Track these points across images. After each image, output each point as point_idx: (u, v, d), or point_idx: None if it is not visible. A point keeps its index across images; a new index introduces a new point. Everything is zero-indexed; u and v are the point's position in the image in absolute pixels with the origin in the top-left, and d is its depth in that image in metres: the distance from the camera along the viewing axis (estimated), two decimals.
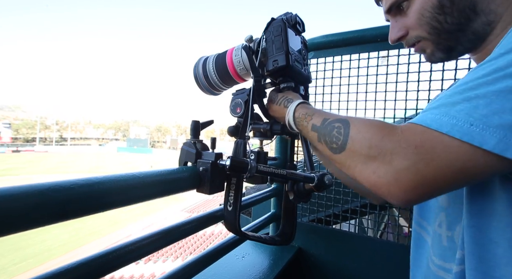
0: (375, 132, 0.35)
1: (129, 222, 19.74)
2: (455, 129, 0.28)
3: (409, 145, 0.31)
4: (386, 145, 0.32)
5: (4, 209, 0.24)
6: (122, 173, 0.39)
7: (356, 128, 0.37)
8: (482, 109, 0.27)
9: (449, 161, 0.28)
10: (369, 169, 0.34)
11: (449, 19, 0.40)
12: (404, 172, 0.30)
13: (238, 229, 0.55)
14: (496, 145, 0.26)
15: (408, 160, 0.30)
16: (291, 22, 0.60)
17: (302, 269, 1.03)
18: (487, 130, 0.26)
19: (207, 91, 0.67)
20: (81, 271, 0.36)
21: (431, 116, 0.31)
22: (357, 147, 0.36)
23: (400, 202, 0.32)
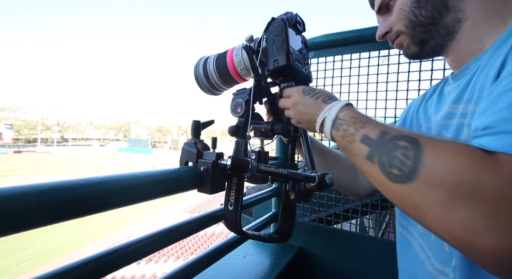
0: (463, 163, 0.25)
1: (130, 222, 19.78)
2: None
3: (510, 186, 0.23)
4: (482, 185, 0.24)
5: (5, 209, 0.25)
6: (123, 172, 0.39)
7: (433, 154, 0.28)
8: None
9: None
10: (453, 217, 0.25)
11: (423, 13, 0.44)
12: (509, 225, 0.22)
13: (239, 228, 0.55)
14: None
15: (505, 215, 0.22)
16: (291, 21, 0.60)
17: (303, 269, 1.03)
18: None
19: (208, 91, 0.67)
20: (83, 271, 0.36)
21: (509, 140, 0.24)
22: (437, 181, 0.26)
23: (505, 271, 0.24)
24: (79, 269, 0.36)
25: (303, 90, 0.52)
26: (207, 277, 0.74)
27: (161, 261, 14.37)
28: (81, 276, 0.36)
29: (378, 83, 0.89)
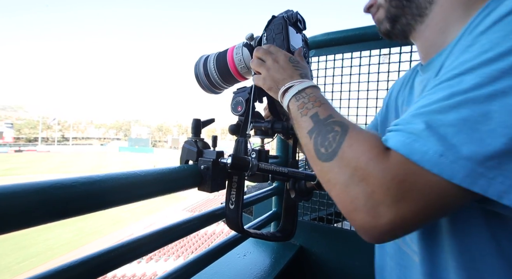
0: (365, 151, 0.30)
1: (130, 221, 19.83)
2: (426, 158, 0.26)
3: (393, 177, 0.27)
4: (372, 171, 0.28)
5: (6, 206, 0.25)
6: (123, 171, 0.39)
7: (351, 140, 0.32)
8: (451, 138, 0.25)
9: (429, 198, 0.26)
10: (348, 194, 0.30)
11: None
12: (384, 210, 0.27)
13: (240, 227, 0.55)
14: (464, 178, 0.24)
15: (390, 196, 0.27)
16: (292, 19, 0.59)
17: (304, 268, 1.03)
18: (456, 163, 0.24)
19: (208, 90, 0.67)
20: (84, 268, 0.37)
21: (401, 138, 0.28)
22: (345, 163, 0.31)
23: (371, 240, 0.30)
24: (80, 267, 0.36)
25: (290, 58, 0.51)
26: (207, 276, 0.74)
27: (161, 260, 14.42)
28: (82, 274, 0.36)
29: (379, 82, 0.89)
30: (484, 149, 0.24)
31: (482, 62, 0.26)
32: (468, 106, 0.25)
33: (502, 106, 0.24)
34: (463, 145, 0.24)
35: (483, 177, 0.24)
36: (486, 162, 0.24)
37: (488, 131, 0.24)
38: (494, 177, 0.23)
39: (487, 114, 0.24)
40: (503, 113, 0.24)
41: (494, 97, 0.24)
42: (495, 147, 0.23)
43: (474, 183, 0.24)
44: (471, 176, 0.24)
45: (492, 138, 0.23)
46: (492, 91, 0.24)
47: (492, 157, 0.23)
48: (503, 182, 0.23)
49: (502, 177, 0.23)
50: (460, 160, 0.24)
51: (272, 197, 1.02)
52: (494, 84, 0.25)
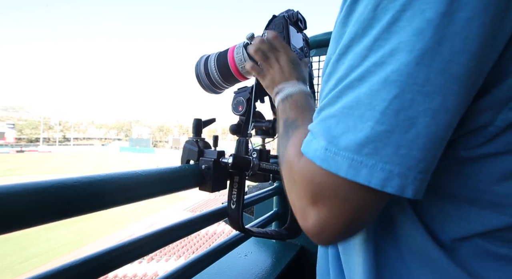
0: (292, 154, 0.29)
1: (132, 222, 19.88)
2: (317, 154, 0.24)
3: (305, 179, 0.26)
4: (294, 175, 0.28)
5: (8, 206, 0.25)
6: (125, 171, 0.39)
7: (291, 143, 0.32)
8: (333, 129, 0.24)
9: (337, 195, 0.24)
10: (290, 198, 0.30)
11: None
12: (308, 212, 0.26)
13: (241, 226, 0.55)
14: (348, 170, 0.22)
15: (308, 198, 0.26)
16: (292, 19, 0.59)
17: (305, 267, 1.03)
18: (338, 155, 0.23)
19: (209, 90, 0.67)
20: (85, 268, 0.37)
21: (306, 139, 0.27)
22: (284, 166, 0.31)
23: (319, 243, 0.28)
24: (81, 266, 0.36)
25: (291, 59, 0.50)
26: (209, 276, 0.74)
27: (162, 260, 14.44)
28: (83, 274, 0.36)
29: None
30: (357, 135, 0.22)
31: (351, 40, 0.24)
32: (345, 94, 0.24)
33: (368, 87, 0.22)
34: (342, 135, 0.23)
35: (364, 166, 0.22)
36: (363, 149, 0.22)
37: (359, 116, 0.22)
38: (374, 164, 0.21)
39: (358, 97, 0.23)
40: (369, 94, 0.22)
41: (363, 79, 0.23)
42: (366, 132, 0.22)
43: (358, 174, 0.22)
44: (353, 167, 0.22)
45: (362, 123, 0.22)
46: (362, 72, 0.23)
47: (366, 143, 0.22)
48: (383, 168, 0.21)
49: (382, 163, 0.21)
50: (340, 151, 0.23)
51: (273, 197, 1.02)
52: (363, 62, 0.23)
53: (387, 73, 0.21)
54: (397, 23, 0.21)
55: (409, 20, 0.21)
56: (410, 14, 0.21)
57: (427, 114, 0.20)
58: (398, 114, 0.21)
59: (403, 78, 0.21)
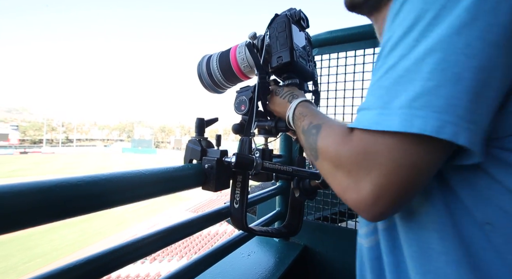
0: (333, 141, 0.33)
1: (134, 222, 19.94)
2: (371, 122, 0.28)
3: (358, 153, 0.29)
4: (342, 154, 0.31)
5: (13, 205, 0.25)
6: (128, 170, 0.39)
7: (322, 136, 0.36)
8: (384, 97, 0.28)
9: (395, 159, 0.27)
10: (336, 180, 0.32)
11: None
12: (363, 183, 0.28)
13: (245, 225, 0.55)
14: (401, 123, 0.26)
15: (362, 169, 0.29)
16: (295, 18, 0.59)
17: (308, 267, 1.03)
18: (391, 114, 0.27)
19: (211, 90, 0.67)
20: (88, 268, 0.37)
21: (358, 117, 0.31)
22: (323, 157, 0.35)
23: (370, 217, 0.30)
24: (85, 266, 0.36)
25: (275, 91, 0.58)
26: (212, 275, 0.74)
27: (165, 260, 14.47)
28: (87, 273, 0.36)
29: None
30: (408, 94, 0.26)
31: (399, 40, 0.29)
32: (393, 70, 0.28)
33: (413, 58, 0.26)
34: (393, 99, 0.27)
35: (417, 117, 0.25)
36: (413, 104, 0.25)
37: (408, 81, 0.26)
38: (426, 114, 0.25)
39: (404, 67, 0.27)
40: (415, 63, 0.26)
41: (407, 55, 0.27)
42: (415, 89, 0.25)
43: (411, 125, 0.25)
44: (407, 120, 0.25)
45: (411, 84, 0.26)
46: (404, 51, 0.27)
47: (416, 98, 0.25)
48: (436, 117, 0.24)
49: (435, 113, 0.24)
50: (392, 110, 0.26)
51: (276, 197, 1.02)
52: (413, 50, 0.27)
53: (430, 43, 0.26)
54: (438, 18, 0.26)
55: (447, 11, 0.26)
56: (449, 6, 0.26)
57: (471, 71, 0.24)
58: (445, 71, 0.24)
59: (446, 45, 0.25)
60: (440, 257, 0.31)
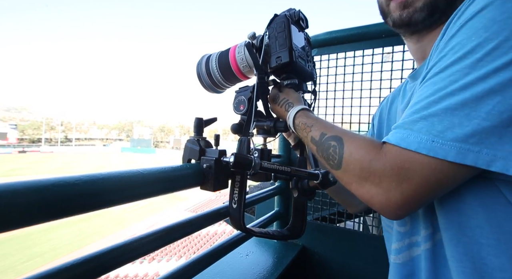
0: (364, 155, 0.37)
1: (133, 222, 19.90)
2: (421, 146, 0.31)
3: (392, 168, 0.33)
4: (374, 168, 0.35)
5: (10, 203, 0.25)
6: (126, 169, 0.39)
7: (349, 150, 0.39)
8: (437, 126, 0.31)
9: (425, 177, 0.32)
10: (363, 189, 0.37)
11: None
12: (393, 192, 0.33)
13: (243, 226, 0.55)
14: (456, 155, 0.29)
15: (393, 181, 0.33)
16: (294, 18, 0.59)
17: (306, 267, 1.03)
18: (446, 145, 0.30)
19: (210, 90, 0.67)
20: (86, 267, 0.37)
21: (399, 135, 0.34)
22: (351, 168, 0.38)
23: (393, 217, 0.37)
24: (83, 265, 0.36)
25: (273, 98, 0.60)
26: (210, 275, 0.74)
27: (163, 260, 14.45)
28: (84, 273, 0.36)
29: (382, 81, 0.88)
30: (464, 129, 0.29)
31: (454, 60, 0.31)
32: (447, 99, 0.31)
33: (473, 95, 0.29)
34: (447, 130, 0.30)
35: (471, 152, 0.29)
36: (469, 140, 0.29)
37: (464, 116, 0.29)
38: (479, 150, 0.29)
39: (462, 102, 0.30)
40: (473, 100, 0.29)
41: (466, 89, 0.30)
42: (472, 127, 0.29)
43: (465, 158, 0.29)
44: (461, 153, 0.29)
45: (468, 120, 0.29)
46: (464, 84, 0.30)
47: (472, 135, 0.29)
48: (487, 153, 0.28)
49: (487, 149, 0.28)
50: (448, 142, 0.30)
51: (274, 197, 1.02)
52: (465, 77, 0.30)
53: (491, 85, 0.28)
54: (500, 49, 0.28)
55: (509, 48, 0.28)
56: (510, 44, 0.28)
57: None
58: (502, 114, 0.28)
59: (506, 88, 0.28)
60: (495, 274, 0.32)
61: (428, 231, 0.41)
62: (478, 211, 0.34)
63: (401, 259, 0.45)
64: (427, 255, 0.40)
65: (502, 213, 0.33)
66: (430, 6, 0.44)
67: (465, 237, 0.35)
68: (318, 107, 1.00)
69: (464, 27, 0.32)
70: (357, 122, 0.92)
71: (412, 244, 0.44)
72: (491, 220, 0.33)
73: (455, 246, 0.35)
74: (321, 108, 1.00)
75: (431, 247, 0.40)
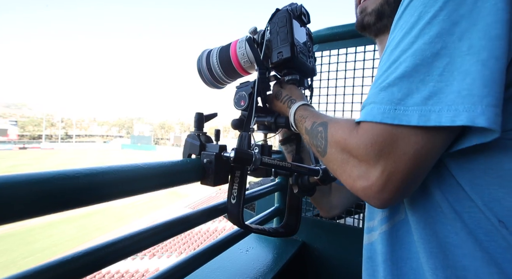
0: (342, 135, 0.36)
1: (134, 218, 20.01)
2: (385, 116, 0.31)
3: (366, 144, 0.32)
4: (350, 147, 0.34)
5: (10, 196, 0.24)
6: (126, 163, 0.39)
7: (331, 132, 0.39)
8: (397, 95, 0.31)
9: (400, 148, 0.31)
10: (346, 173, 0.35)
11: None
12: (372, 172, 0.32)
13: (241, 222, 0.55)
14: (419, 118, 0.29)
15: (371, 160, 0.32)
16: (296, 13, 0.58)
17: (306, 263, 1.04)
18: (407, 110, 0.30)
19: (211, 85, 0.66)
20: (84, 261, 0.37)
21: (365, 111, 0.34)
22: (333, 152, 0.38)
23: (378, 204, 0.33)
24: (81, 259, 0.36)
25: (275, 95, 0.60)
26: (210, 270, 0.74)
27: (164, 256, 14.56)
28: (82, 267, 0.36)
29: None
30: (421, 93, 0.29)
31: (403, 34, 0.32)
32: (401, 67, 0.31)
33: (423, 60, 0.30)
34: (406, 96, 0.30)
35: (432, 112, 0.29)
36: (428, 102, 0.29)
37: (420, 81, 0.30)
38: (440, 108, 0.28)
39: (415, 68, 0.30)
40: (424, 65, 0.30)
41: (416, 56, 0.30)
42: (429, 89, 0.29)
43: (428, 119, 0.29)
44: (423, 115, 0.29)
45: (424, 85, 0.29)
46: (413, 52, 0.30)
47: (430, 97, 0.29)
48: (449, 109, 0.28)
49: (447, 106, 0.28)
50: (409, 107, 0.30)
51: (274, 193, 1.02)
52: (413, 45, 0.31)
53: (437, 49, 0.29)
54: (437, 18, 0.30)
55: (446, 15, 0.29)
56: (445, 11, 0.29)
57: (478, 64, 0.27)
58: (453, 73, 0.28)
59: (451, 50, 0.28)
60: (457, 250, 0.33)
61: (384, 214, 0.42)
62: (436, 193, 0.35)
63: (366, 240, 0.47)
64: (383, 238, 0.41)
65: (453, 194, 0.34)
66: (377, 11, 0.50)
67: (430, 218, 0.35)
68: (319, 103, 0.99)
69: (407, 9, 0.34)
70: None
71: (370, 228, 0.45)
72: (446, 201, 0.34)
73: (423, 228, 0.36)
74: (321, 104, 0.99)
75: (387, 229, 0.41)
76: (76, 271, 0.36)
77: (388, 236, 0.41)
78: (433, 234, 0.35)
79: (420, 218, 0.36)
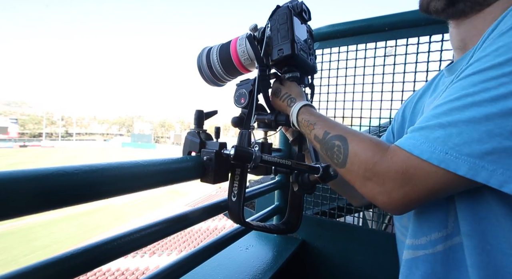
0: (369, 157, 0.38)
1: (134, 216, 20.07)
2: (433, 156, 0.31)
3: (397, 171, 0.34)
4: (379, 170, 0.36)
5: (9, 191, 0.24)
6: (125, 160, 0.38)
7: (354, 150, 0.40)
8: (454, 138, 0.30)
9: (429, 185, 0.32)
10: (367, 187, 0.38)
11: None
12: (395, 193, 0.35)
13: (242, 219, 0.55)
14: (468, 171, 0.29)
15: (397, 184, 0.34)
16: (296, 9, 0.58)
17: (306, 261, 1.04)
18: (459, 159, 0.29)
19: (211, 82, 0.66)
20: (83, 258, 0.37)
21: (413, 141, 0.34)
22: (355, 168, 0.39)
23: (393, 213, 0.41)
24: (79, 256, 0.36)
25: (274, 92, 0.60)
26: (210, 268, 0.75)
27: (164, 254, 14.62)
28: (81, 264, 0.36)
29: (385, 75, 0.87)
30: (482, 146, 0.28)
31: (493, 65, 0.29)
32: (472, 109, 0.29)
33: (501, 111, 0.27)
34: (464, 144, 0.29)
35: (485, 170, 0.28)
36: (486, 157, 0.28)
37: (486, 132, 0.28)
38: (494, 169, 0.28)
39: (487, 116, 0.28)
40: (500, 115, 0.27)
41: (496, 102, 0.28)
42: (492, 145, 0.27)
43: (477, 174, 0.28)
44: (474, 169, 0.29)
45: (489, 137, 0.28)
46: (495, 96, 0.28)
47: (490, 153, 0.28)
48: (503, 173, 0.27)
49: (503, 169, 0.27)
50: (463, 156, 0.29)
51: (274, 191, 1.02)
52: (499, 88, 0.28)
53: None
54: None
55: None
56: None
57: None
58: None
59: None
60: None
61: (441, 234, 0.39)
62: (505, 220, 0.33)
63: (407, 255, 0.44)
64: (438, 257, 0.39)
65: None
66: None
67: (489, 245, 0.34)
68: (319, 101, 0.99)
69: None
70: (358, 117, 0.92)
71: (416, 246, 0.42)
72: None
73: (479, 255, 0.34)
74: (322, 102, 0.99)
75: (442, 249, 0.39)
76: (76, 268, 0.36)
77: (443, 256, 0.39)
78: (490, 262, 0.33)
79: (476, 244, 0.35)
